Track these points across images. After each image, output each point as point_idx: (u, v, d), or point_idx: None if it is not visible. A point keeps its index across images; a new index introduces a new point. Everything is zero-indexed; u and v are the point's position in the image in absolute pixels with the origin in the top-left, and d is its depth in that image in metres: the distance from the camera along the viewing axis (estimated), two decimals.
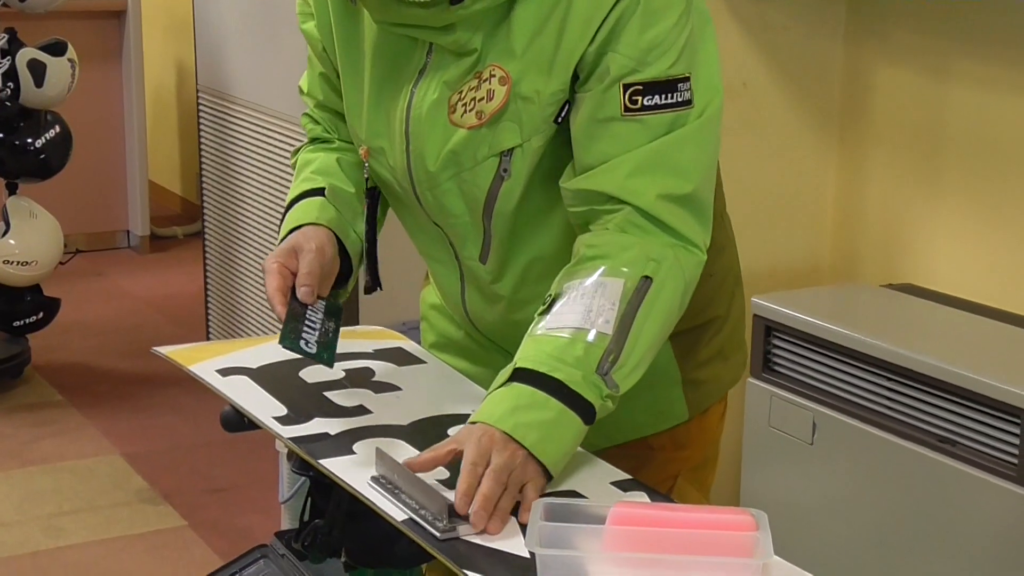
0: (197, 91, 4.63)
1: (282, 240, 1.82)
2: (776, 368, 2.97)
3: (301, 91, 2.01)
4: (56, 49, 4.73)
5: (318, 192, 1.87)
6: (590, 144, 1.69)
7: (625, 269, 1.65)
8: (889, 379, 2.73)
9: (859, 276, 3.40)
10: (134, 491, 4.05)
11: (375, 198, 1.92)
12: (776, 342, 2.96)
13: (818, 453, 2.88)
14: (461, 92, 1.72)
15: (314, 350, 1.69)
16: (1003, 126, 3.01)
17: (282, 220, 1.88)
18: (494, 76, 1.70)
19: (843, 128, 3.41)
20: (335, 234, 1.83)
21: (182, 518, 3.88)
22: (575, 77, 1.70)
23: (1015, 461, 2.49)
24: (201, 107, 4.63)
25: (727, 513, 1.46)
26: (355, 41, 1.82)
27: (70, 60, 4.74)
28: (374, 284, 1.92)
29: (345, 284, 1.86)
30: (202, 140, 4.66)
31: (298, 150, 2.01)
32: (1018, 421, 2.48)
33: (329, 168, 1.91)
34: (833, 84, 3.41)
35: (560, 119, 1.71)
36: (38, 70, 4.62)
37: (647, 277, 1.65)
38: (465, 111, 1.72)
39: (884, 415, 2.74)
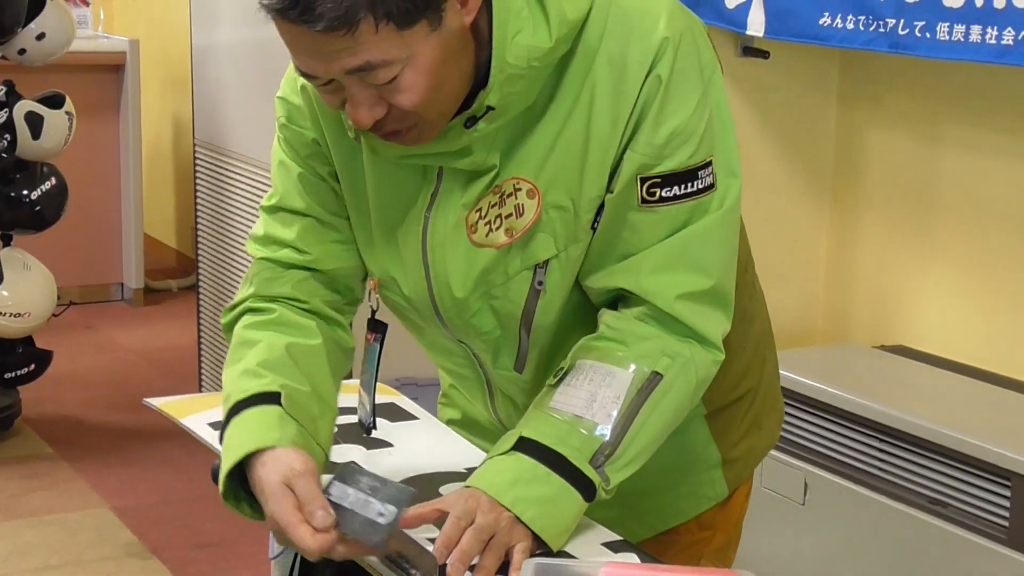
0: (194, 145, 4.65)
1: (232, 449, 1.60)
2: None
3: (268, 210, 1.77)
4: (54, 102, 4.74)
5: (271, 398, 1.63)
6: (609, 238, 1.63)
7: (636, 363, 1.61)
8: (881, 440, 2.73)
9: (851, 337, 3.40)
10: (122, 545, 4.03)
11: (383, 333, 1.77)
12: None
13: (810, 513, 2.87)
14: (481, 210, 1.63)
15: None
16: (994, 190, 3.03)
17: (227, 418, 1.65)
18: (519, 190, 1.61)
19: (836, 190, 3.43)
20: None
21: (171, 573, 3.85)
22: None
23: (1006, 524, 2.48)
24: (197, 161, 4.64)
25: (716, 574, 1.46)
26: (355, 168, 1.71)
27: (67, 113, 4.76)
28: (371, 425, 1.80)
29: None
30: (198, 194, 4.67)
31: (235, 308, 1.77)
32: (1009, 484, 2.48)
33: (279, 362, 1.67)
34: (826, 146, 3.42)
35: (596, 224, 1.63)
36: (35, 122, 4.64)
37: (658, 373, 1.61)
38: (491, 230, 1.63)
39: (876, 476, 2.74)
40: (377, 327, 1.76)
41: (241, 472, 1.62)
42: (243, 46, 4.25)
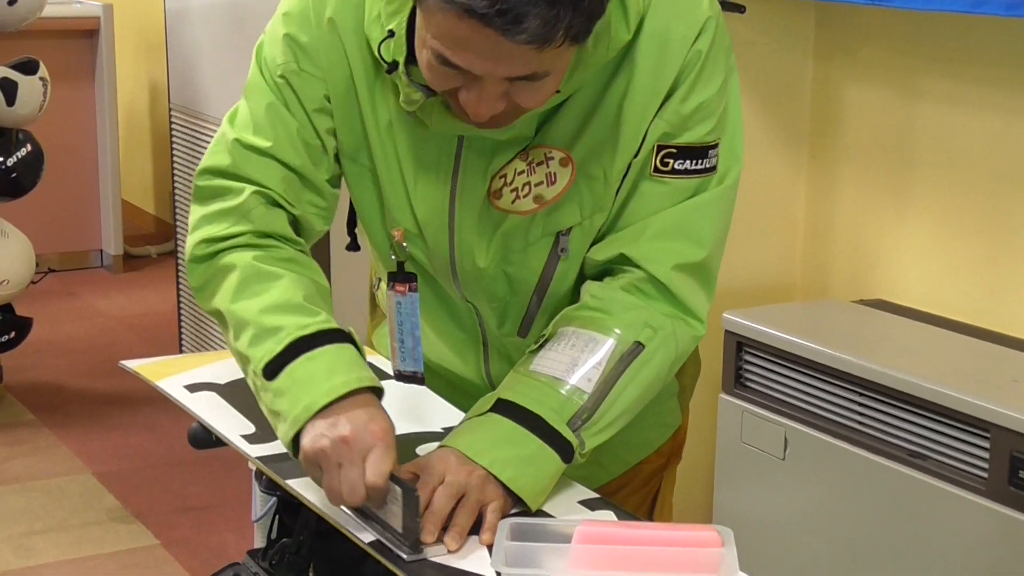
0: (170, 110, 4.63)
1: (320, 381, 1.54)
2: (748, 384, 2.97)
3: (250, 148, 1.68)
4: (28, 68, 4.71)
5: (340, 336, 1.61)
6: (619, 207, 1.67)
7: (620, 331, 1.63)
8: (860, 394, 2.74)
9: (830, 292, 3.40)
10: (105, 510, 4.03)
11: (416, 282, 1.74)
12: (748, 358, 2.96)
13: (790, 468, 2.88)
14: (506, 176, 1.65)
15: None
16: (971, 143, 3.03)
17: (288, 352, 1.57)
18: (551, 158, 1.63)
19: (813, 144, 3.43)
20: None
21: (154, 537, 3.86)
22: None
23: (984, 475, 2.49)
24: (174, 126, 4.62)
25: (693, 530, 1.47)
26: (383, 124, 1.68)
27: (42, 79, 4.73)
28: (422, 375, 1.76)
29: None
30: (175, 159, 4.65)
31: (221, 240, 1.68)
32: (987, 435, 2.49)
33: (318, 299, 1.65)
34: (803, 100, 3.42)
35: (618, 191, 1.67)
36: (9, 89, 4.61)
37: (639, 343, 1.64)
38: (517, 197, 1.64)
39: (855, 430, 2.75)
40: (408, 278, 1.74)
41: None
42: (217, 9, 4.22)
